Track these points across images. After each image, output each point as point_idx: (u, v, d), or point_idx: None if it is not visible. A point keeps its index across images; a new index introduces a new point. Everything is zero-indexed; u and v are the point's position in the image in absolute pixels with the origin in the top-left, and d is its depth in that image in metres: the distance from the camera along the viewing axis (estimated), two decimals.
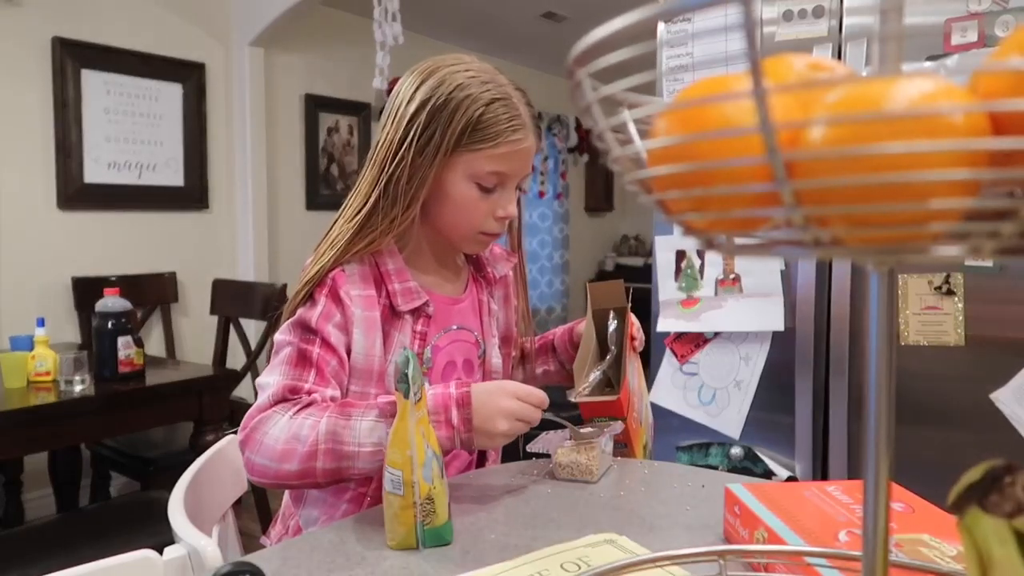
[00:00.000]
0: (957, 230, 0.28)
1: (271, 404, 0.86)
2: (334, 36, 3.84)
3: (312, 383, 0.88)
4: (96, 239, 2.98)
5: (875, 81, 0.29)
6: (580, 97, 0.34)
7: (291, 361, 0.90)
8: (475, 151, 0.92)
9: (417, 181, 0.92)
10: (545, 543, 0.75)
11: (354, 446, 0.82)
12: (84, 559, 0.67)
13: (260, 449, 0.83)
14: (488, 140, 0.91)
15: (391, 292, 0.95)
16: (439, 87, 0.91)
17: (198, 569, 0.75)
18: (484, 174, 0.93)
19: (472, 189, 0.94)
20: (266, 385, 0.88)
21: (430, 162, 0.91)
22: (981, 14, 1.33)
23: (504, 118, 0.92)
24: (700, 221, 0.34)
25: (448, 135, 0.90)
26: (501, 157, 0.93)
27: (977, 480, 0.34)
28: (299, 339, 0.91)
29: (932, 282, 1.39)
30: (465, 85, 0.91)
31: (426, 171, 0.91)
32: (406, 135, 0.91)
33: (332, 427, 0.82)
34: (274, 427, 0.83)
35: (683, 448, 1.71)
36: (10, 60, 2.71)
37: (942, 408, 1.40)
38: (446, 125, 0.90)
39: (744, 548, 0.62)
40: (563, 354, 1.20)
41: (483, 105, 0.91)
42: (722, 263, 1.64)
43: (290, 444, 0.82)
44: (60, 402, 1.81)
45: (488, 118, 0.91)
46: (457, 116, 0.90)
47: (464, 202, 0.94)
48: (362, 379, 0.94)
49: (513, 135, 0.92)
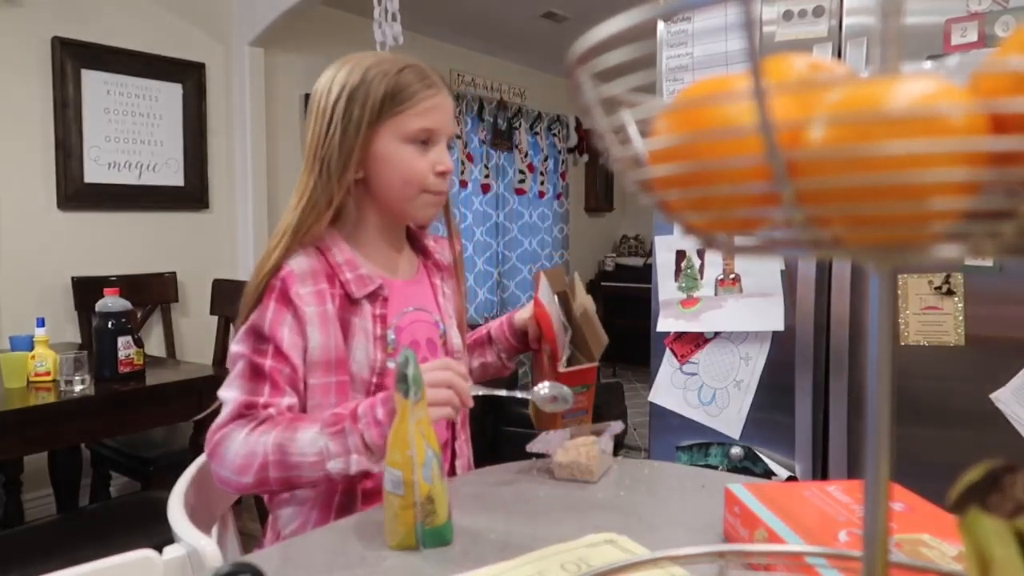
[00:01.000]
0: (957, 230, 0.28)
1: (230, 421, 0.92)
2: (334, 36, 3.84)
3: (267, 397, 0.93)
4: (96, 239, 2.98)
5: (875, 81, 0.29)
6: (580, 97, 0.34)
7: (245, 375, 0.94)
8: (399, 114, 0.99)
9: (345, 153, 0.98)
10: (545, 543, 0.75)
11: (298, 456, 0.87)
12: (84, 559, 0.67)
13: (223, 463, 0.90)
14: (407, 100, 0.99)
15: (344, 282, 0.99)
16: (352, 73, 0.99)
17: (198, 569, 0.75)
18: (414, 131, 0.99)
19: (407, 149, 1.00)
20: (225, 401, 0.93)
21: (355, 134, 0.97)
22: (981, 14, 1.33)
23: (416, 79, 0.99)
24: (700, 221, 0.34)
25: (370, 106, 0.97)
26: (424, 113, 0.99)
27: (977, 480, 0.34)
28: (251, 350, 0.95)
29: (932, 282, 1.39)
30: (374, 64, 0.99)
31: (352, 142, 0.98)
32: (331, 119, 0.98)
33: (279, 441, 0.88)
34: (233, 443, 0.90)
35: (683, 448, 1.71)
36: (10, 60, 2.71)
37: (942, 408, 1.40)
38: (364, 99, 0.97)
39: (744, 548, 0.62)
40: (501, 343, 1.23)
41: (395, 74, 0.98)
42: (722, 263, 1.64)
43: (246, 459, 0.88)
44: (60, 402, 1.81)
45: (402, 83, 0.98)
46: (373, 88, 0.97)
47: (403, 163, 1.00)
48: (321, 371, 0.97)
49: (428, 90, 1.00)
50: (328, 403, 0.97)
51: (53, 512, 2.57)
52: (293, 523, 0.99)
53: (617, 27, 0.29)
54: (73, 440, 2.20)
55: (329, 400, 0.97)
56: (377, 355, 0.99)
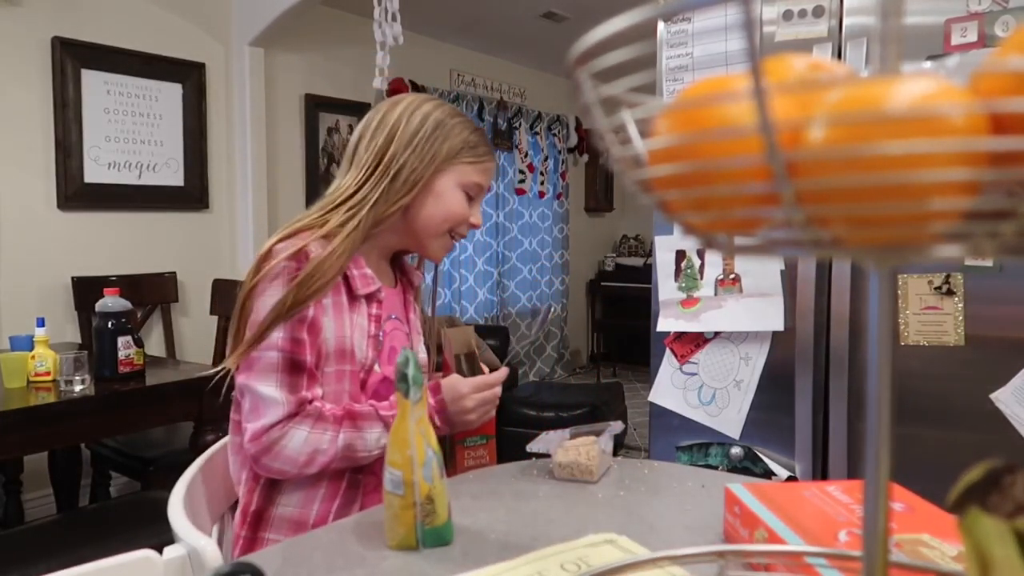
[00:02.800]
0: (957, 230, 0.28)
1: (287, 419, 0.95)
2: (334, 36, 3.84)
3: (308, 390, 0.98)
4: (96, 239, 2.98)
5: (875, 81, 0.29)
6: (580, 97, 0.34)
7: (285, 368, 0.96)
8: (469, 164, 1.09)
9: (415, 180, 1.05)
10: (545, 543, 0.75)
11: (364, 452, 0.98)
12: (84, 559, 0.67)
13: (280, 457, 0.95)
14: (479, 157, 1.10)
15: (350, 277, 1.04)
16: (435, 111, 1.08)
17: (198, 569, 0.75)
18: (471, 184, 1.10)
19: (461, 195, 1.09)
20: (270, 401, 0.95)
21: (429, 166, 1.06)
22: (981, 14, 1.33)
23: (485, 142, 1.12)
24: (700, 221, 0.34)
25: (449, 147, 1.07)
26: (483, 171, 1.11)
27: (977, 480, 0.34)
28: (288, 343, 0.96)
29: (932, 282, 1.39)
30: (453, 114, 1.10)
31: (423, 172, 1.05)
32: (410, 142, 1.05)
33: (348, 441, 0.97)
34: (293, 440, 0.95)
35: (683, 448, 1.71)
36: (10, 60, 2.71)
37: (942, 408, 1.40)
38: (444, 140, 1.07)
39: (744, 548, 0.62)
40: None
41: (471, 132, 1.10)
42: (722, 263, 1.64)
43: (311, 456, 0.96)
44: (60, 402, 1.81)
45: (476, 140, 1.10)
46: (454, 134, 1.08)
47: (454, 205, 1.09)
48: (336, 360, 1.01)
49: (490, 156, 1.13)
50: (341, 389, 1.02)
51: (53, 512, 2.57)
52: (293, 505, 1.00)
53: (617, 27, 0.29)
54: (73, 440, 2.20)
55: (342, 386, 1.02)
56: (369, 352, 1.04)
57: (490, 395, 1.06)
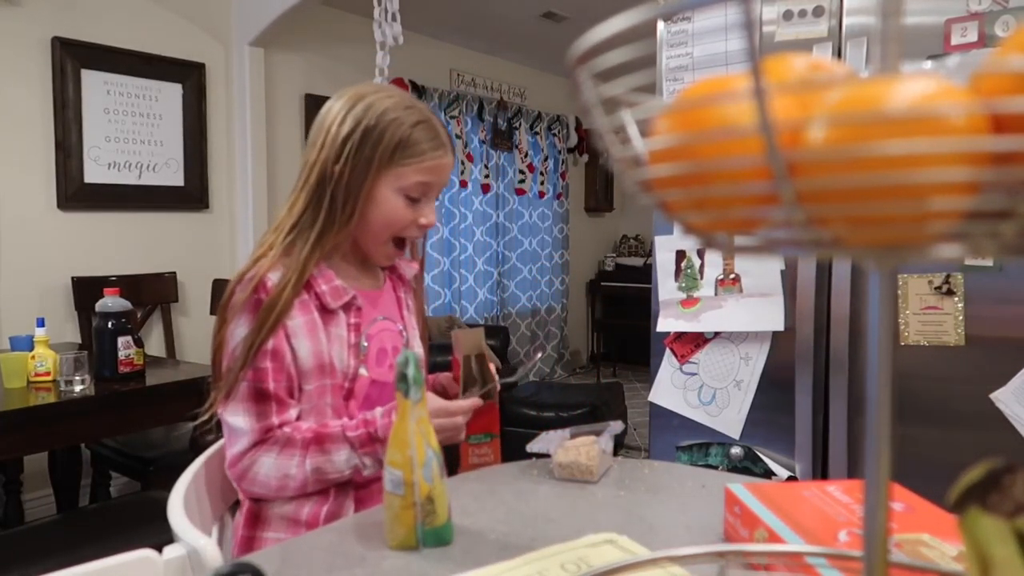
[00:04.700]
0: (957, 230, 0.28)
1: (251, 448, 0.97)
2: (334, 36, 3.84)
3: (277, 416, 0.98)
4: (96, 239, 2.98)
5: (875, 81, 0.29)
6: (580, 97, 0.34)
7: (250, 398, 0.98)
8: (404, 166, 1.03)
9: (354, 194, 1.02)
10: (545, 543, 0.75)
11: (335, 474, 0.97)
12: (84, 559, 0.67)
13: (255, 484, 0.97)
14: (415, 156, 1.03)
15: (319, 293, 1.03)
16: (368, 111, 1.02)
17: (198, 569, 0.75)
18: (411, 186, 1.04)
19: (399, 200, 1.04)
20: (239, 431, 0.97)
21: (363, 177, 1.01)
22: (981, 14, 1.33)
23: (427, 137, 1.04)
24: (700, 221, 0.34)
25: (381, 152, 1.01)
26: (426, 170, 1.04)
27: (977, 480, 0.34)
28: (250, 372, 0.97)
29: (932, 282, 1.39)
30: (391, 108, 1.02)
31: (360, 185, 1.02)
32: (340, 154, 1.01)
33: (316, 465, 0.96)
34: (262, 467, 0.96)
35: (683, 448, 1.71)
36: (10, 60, 2.71)
37: (942, 408, 1.40)
38: (376, 144, 1.01)
39: (744, 548, 0.62)
40: None
41: (409, 127, 1.02)
42: (722, 263, 1.64)
43: (282, 481, 0.96)
44: (60, 402, 1.81)
45: (414, 138, 1.03)
46: (387, 136, 1.01)
47: (392, 211, 1.04)
48: (315, 376, 1.01)
49: (435, 151, 1.04)
50: (323, 404, 1.02)
51: (53, 512, 2.57)
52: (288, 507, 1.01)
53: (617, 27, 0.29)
54: (73, 440, 2.20)
55: (324, 401, 1.02)
56: (351, 361, 1.03)
57: (449, 423, 0.99)
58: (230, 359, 0.99)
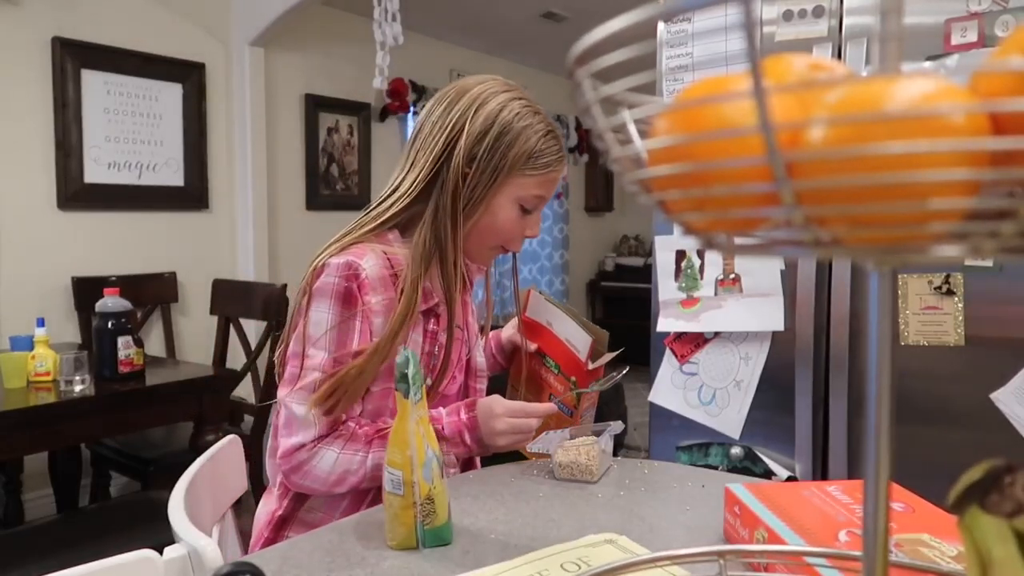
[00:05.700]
0: (957, 230, 0.28)
1: (315, 441, 0.94)
2: (334, 36, 3.84)
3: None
4: (96, 239, 2.98)
5: (875, 81, 0.29)
6: (580, 97, 0.34)
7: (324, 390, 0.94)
8: (527, 176, 1.00)
9: (478, 197, 0.99)
10: (545, 543, 0.75)
11: None
12: (84, 559, 0.67)
13: (310, 476, 0.94)
14: (541, 168, 1.00)
15: None
16: (505, 110, 0.98)
17: (198, 569, 0.74)
18: (530, 197, 1.01)
19: (515, 210, 1.02)
20: (303, 421, 0.94)
21: (490, 181, 0.98)
22: (981, 14, 1.33)
23: (554, 149, 1.01)
24: (700, 221, 0.34)
25: (511, 158, 0.98)
26: (547, 182, 1.02)
27: (977, 480, 0.34)
28: (330, 366, 0.94)
29: (932, 282, 1.39)
30: (523, 115, 0.99)
31: (486, 188, 0.99)
32: (474, 154, 0.97)
33: (378, 461, 0.93)
34: (322, 460, 0.94)
35: (683, 448, 1.71)
36: (10, 60, 2.71)
37: (942, 408, 1.40)
38: (507, 149, 0.97)
39: (744, 548, 0.62)
40: (487, 359, 1.23)
41: (540, 136, 0.99)
42: (722, 263, 1.64)
43: (342, 476, 0.94)
44: (60, 402, 1.81)
45: (543, 148, 1.00)
46: (519, 143, 0.98)
47: (506, 221, 1.02)
48: (382, 379, 0.99)
49: (558, 165, 1.02)
50: (384, 406, 1.00)
51: (53, 512, 2.57)
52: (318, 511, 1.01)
53: (617, 27, 0.29)
54: (73, 440, 2.20)
55: (385, 404, 1.00)
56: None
57: (523, 424, 0.98)
58: (307, 343, 0.95)
